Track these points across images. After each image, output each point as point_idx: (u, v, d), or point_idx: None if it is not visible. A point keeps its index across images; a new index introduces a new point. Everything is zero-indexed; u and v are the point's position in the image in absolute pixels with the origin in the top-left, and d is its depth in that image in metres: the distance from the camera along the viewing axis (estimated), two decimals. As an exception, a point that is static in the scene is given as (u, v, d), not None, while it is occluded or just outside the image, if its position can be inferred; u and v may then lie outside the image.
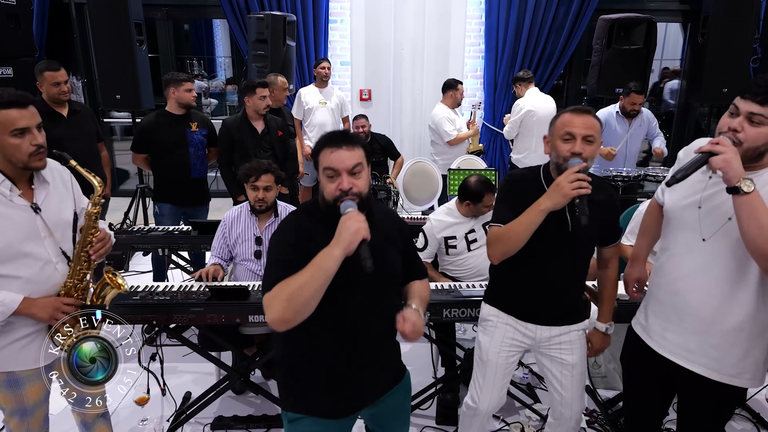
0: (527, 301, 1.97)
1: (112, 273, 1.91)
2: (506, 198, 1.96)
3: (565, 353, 1.99)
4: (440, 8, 5.78)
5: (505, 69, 5.89)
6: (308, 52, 5.80)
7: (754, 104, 1.47)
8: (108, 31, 4.55)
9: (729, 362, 1.63)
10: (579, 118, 1.78)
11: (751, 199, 1.42)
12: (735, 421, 2.74)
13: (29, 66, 4.31)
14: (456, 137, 4.97)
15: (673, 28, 6.86)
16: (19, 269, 1.72)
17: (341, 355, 1.58)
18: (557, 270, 1.90)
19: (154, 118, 3.73)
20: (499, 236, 1.89)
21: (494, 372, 2.04)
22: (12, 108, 1.65)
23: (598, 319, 2.10)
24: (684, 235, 1.68)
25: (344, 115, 5.45)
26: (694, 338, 1.66)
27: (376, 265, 1.43)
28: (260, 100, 3.76)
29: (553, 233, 1.83)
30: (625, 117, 4.53)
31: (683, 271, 1.68)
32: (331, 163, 1.48)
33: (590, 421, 2.73)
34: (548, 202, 1.75)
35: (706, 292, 1.62)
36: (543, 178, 1.90)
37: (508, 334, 2.01)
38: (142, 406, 2.69)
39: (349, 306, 1.55)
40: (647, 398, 1.94)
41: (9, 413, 1.85)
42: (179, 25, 6.97)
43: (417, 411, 2.76)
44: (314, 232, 1.52)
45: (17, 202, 1.73)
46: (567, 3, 5.76)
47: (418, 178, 5.08)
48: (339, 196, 1.48)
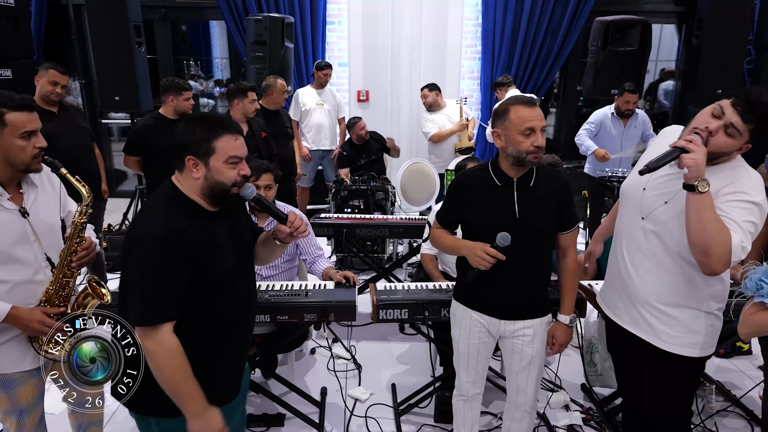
0: (488, 296, 2.02)
1: (96, 282, 1.89)
2: (448, 199, 2.10)
3: (526, 345, 2.05)
4: (437, 10, 5.82)
5: (502, 70, 5.93)
6: (306, 53, 5.83)
7: (737, 116, 1.56)
8: (107, 33, 4.56)
9: (670, 333, 1.78)
10: (534, 111, 1.86)
11: (703, 199, 1.54)
12: (728, 419, 2.78)
13: (27, 67, 4.31)
14: (435, 134, 5.00)
15: (668, 29, 6.91)
16: (7, 274, 1.73)
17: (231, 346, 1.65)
18: (512, 264, 1.90)
19: (148, 122, 3.74)
20: (435, 238, 2.14)
21: (467, 361, 2.14)
22: (24, 111, 1.70)
23: (559, 311, 2.13)
24: (627, 213, 1.86)
25: (341, 116, 5.48)
26: (636, 308, 1.83)
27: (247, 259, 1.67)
28: (251, 104, 3.79)
29: (502, 226, 1.89)
30: (620, 117, 4.58)
31: (624, 245, 1.86)
32: (236, 149, 1.53)
33: (586, 419, 2.77)
34: (465, 252, 1.95)
35: (642, 266, 1.80)
36: (492, 172, 1.97)
37: (474, 328, 2.08)
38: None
39: (234, 300, 1.62)
40: (627, 374, 2.07)
41: (5, 413, 1.87)
42: (177, 26, 6.98)
43: (416, 409, 2.79)
44: (193, 228, 1.50)
45: (6, 206, 1.73)
46: (563, 5, 5.81)
47: (415, 179, 5.11)
48: (239, 182, 1.55)
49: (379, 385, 3.04)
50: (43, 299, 1.81)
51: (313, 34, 5.81)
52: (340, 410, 2.83)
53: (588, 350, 2.95)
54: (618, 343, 2.02)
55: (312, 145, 5.28)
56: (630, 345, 1.92)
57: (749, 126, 1.57)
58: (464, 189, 2.02)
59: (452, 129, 5.03)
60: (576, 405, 2.88)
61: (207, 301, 1.53)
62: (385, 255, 4.63)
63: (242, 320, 1.67)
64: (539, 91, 5.98)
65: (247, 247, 1.72)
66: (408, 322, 2.58)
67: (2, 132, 1.68)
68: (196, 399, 1.49)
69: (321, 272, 2.80)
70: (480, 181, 1.99)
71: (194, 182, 1.53)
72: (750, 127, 1.57)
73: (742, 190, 1.60)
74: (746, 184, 1.61)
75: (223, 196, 1.55)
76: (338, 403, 2.88)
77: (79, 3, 5.63)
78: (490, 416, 2.79)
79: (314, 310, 2.38)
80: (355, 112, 5.95)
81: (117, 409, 2.72)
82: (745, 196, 1.59)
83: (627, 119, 4.58)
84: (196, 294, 1.50)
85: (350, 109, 6.01)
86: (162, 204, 1.53)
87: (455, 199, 2.05)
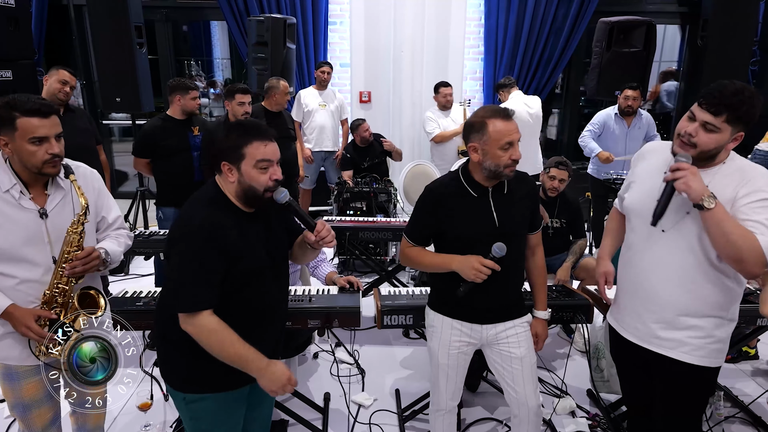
0: (468, 303, 1.99)
1: (96, 291, 1.86)
2: (422, 212, 2.02)
3: (512, 347, 2.04)
4: (439, 10, 5.79)
5: (505, 71, 5.91)
6: (308, 54, 5.80)
7: (708, 114, 1.60)
8: (108, 33, 4.54)
9: (695, 344, 1.75)
10: (512, 123, 1.86)
11: (714, 214, 1.55)
12: (736, 425, 2.75)
13: (28, 68, 4.29)
14: (438, 135, 4.97)
15: (671, 29, 6.89)
16: (16, 270, 1.75)
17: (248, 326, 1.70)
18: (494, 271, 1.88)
19: (156, 123, 3.73)
20: (408, 256, 2.07)
21: (446, 373, 2.10)
22: (34, 116, 1.68)
23: (535, 307, 2.15)
24: (640, 229, 1.82)
25: (343, 117, 5.45)
26: (661, 325, 1.79)
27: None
28: (239, 106, 3.76)
29: (485, 236, 1.89)
30: (623, 118, 4.55)
31: (646, 261, 1.80)
32: (266, 155, 1.62)
33: (593, 425, 2.74)
34: (458, 266, 1.89)
35: (667, 280, 1.75)
36: (464, 180, 1.96)
37: (455, 337, 2.05)
38: (144, 411, 2.68)
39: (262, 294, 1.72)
40: (636, 387, 2.04)
41: (11, 406, 1.91)
42: (178, 26, 6.96)
43: (420, 416, 2.76)
44: (228, 225, 1.61)
45: (26, 206, 1.75)
46: (566, 5, 5.78)
47: (418, 181, 5.08)
48: (271, 186, 1.64)
49: (383, 391, 3.01)
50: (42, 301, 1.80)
51: (315, 34, 5.79)
52: (344, 416, 2.80)
53: (594, 356, 2.92)
54: (627, 357, 1.99)
55: (314, 147, 5.26)
56: (643, 361, 1.89)
57: (722, 118, 1.58)
58: (441, 200, 1.97)
59: (455, 130, 5.00)
60: (582, 411, 2.85)
61: (235, 292, 1.64)
62: (387, 258, 4.60)
63: (270, 311, 1.77)
64: (542, 92, 5.94)
65: (280, 247, 1.82)
66: (413, 327, 2.56)
67: (14, 135, 1.69)
68: (253, 360, 1.61)
69: (324, 276, 2.78)
70: (455, 191, 1.96)
71: (230, 185, 1.65)
72: (723, 118, 1.58)
73: (757, 188, 1.61)
74: (759, 181, 1.62)
75: (256, 200, 1.65)
76: (341, 409, 2.85)
77: (79, 3, 5.61)
78: (495, 422, 2.76)
79: (318, 316, 2.35)
80: (357, 113, 5.93)
81: (118, 414, 2.70)
82: (762, 194, 1.60)
83: (631, 119, 4.56)
84: (226, 286, 1.62)
85: (352, 110, 5.98)
86: (204, 201, 1.66)
87: (432, 212, 1.98)
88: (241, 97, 3.75)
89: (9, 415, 2.67)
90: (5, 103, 1.69)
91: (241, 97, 3.75)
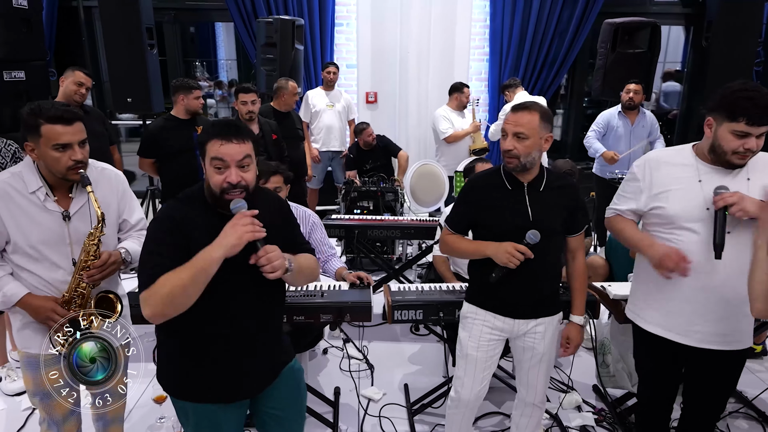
0: (502, 296, 2.05)
1: (115, 296, 1.91)
2: (462, 202, 2.12)
3: (537, 342, 2.09)
4: (445, 12, 5.84)
5: (510, 72, 5.95)
6: (315, 55, 5.86)
7: (763, 126, 1.73)
8: (119, 35, 4.59)
9: (745, 333, 1.89)
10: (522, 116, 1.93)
11: None
12: (740, 420, 2.79)
13: (41, 69, 4.34)
14: (452, 134, 5.02)
15: (675, 30, 6.91)
16: (38, 269, 1.81)
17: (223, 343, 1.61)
18: (527, 263, 1.94)
19: (161, 123, 3.78)
20: (446, 242, 2.15)
21: (474, 366, 2.12)
22: (58, 123, 1.72)
23: (572, 312, 2.16)
24: (702, 235, 1.83)
25: (351, 117, 5.51)
26: (724, 324, 1.86)
27: None
28: (242, 105, 3.82)
29: (517, 228, 1.94)
30: (626, 115, 4.59)
31: (712, 265, 1.81)
32: (219, 154, 1.52)
33: (599, 420, 2.78)
34: (492, 252, 1.94)
35: (737, 280, 1.78)
36: (504, 176, 2.03)
37: (486, 330, 2.09)
38: (160, 404, 2.74)
39: (234, 295, 1.59)
40: (663, 378, 2.08)
41: (32, 394, 1.95)
42: (185, 28, 7.02)
43: (429, 409, 2.81)
44: (195, 221, 1.56)
45: (50, 208, 1.80)
46: (571, 6, 5.82)
47: (424, 180, 5.13)
48: (226, 188, 1.53)
49: (392, 386, 3.06)
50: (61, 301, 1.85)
51: (322, 35, 5.84)
52: (354, 410, 2.85)
53: (600, 351, 2.96)
54: (660, 354, 2.02)
55: (321, 147, 5.31)
56: (673, 351, 1.96)
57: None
58: (477, 191, 2.07)
59: (467, 130, 5.08)
60: (588, 406, 2.90)
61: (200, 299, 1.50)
62: (394, 256, 4.65)
63: (233, 321, 1.61)
64: (547, 93, 5.98)
65: None
66: (423, 323, 2.61)
67: (38, 141, 1.73)
68: (202, 257, 1.46)
69: (334, 272, 2.82)
70: (493, 184, 2.04)
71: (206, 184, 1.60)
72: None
73: None
74: None
75: (216, 201, 1.56)
76: (351, 403, 2.90)
77: (89, 5, 5.68)
78: (501, 416, 2.81)
79: (330, 311, 2.40)
80: (363, 114, 5.98)
81: (134, 407, 2.75)
82: None
83: (634, 117, 4.60)
84: None
85: (359, 110, 6.03)
86: (182, 197, 1.63)
87: (470, 202, 2.08)
88: (242, 96, 3.82)
89: (26, 407, 2.73)
90: (30, 110, 1.73)
91: (243, 96, 3.82)
